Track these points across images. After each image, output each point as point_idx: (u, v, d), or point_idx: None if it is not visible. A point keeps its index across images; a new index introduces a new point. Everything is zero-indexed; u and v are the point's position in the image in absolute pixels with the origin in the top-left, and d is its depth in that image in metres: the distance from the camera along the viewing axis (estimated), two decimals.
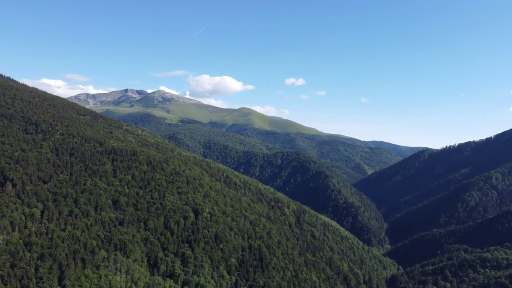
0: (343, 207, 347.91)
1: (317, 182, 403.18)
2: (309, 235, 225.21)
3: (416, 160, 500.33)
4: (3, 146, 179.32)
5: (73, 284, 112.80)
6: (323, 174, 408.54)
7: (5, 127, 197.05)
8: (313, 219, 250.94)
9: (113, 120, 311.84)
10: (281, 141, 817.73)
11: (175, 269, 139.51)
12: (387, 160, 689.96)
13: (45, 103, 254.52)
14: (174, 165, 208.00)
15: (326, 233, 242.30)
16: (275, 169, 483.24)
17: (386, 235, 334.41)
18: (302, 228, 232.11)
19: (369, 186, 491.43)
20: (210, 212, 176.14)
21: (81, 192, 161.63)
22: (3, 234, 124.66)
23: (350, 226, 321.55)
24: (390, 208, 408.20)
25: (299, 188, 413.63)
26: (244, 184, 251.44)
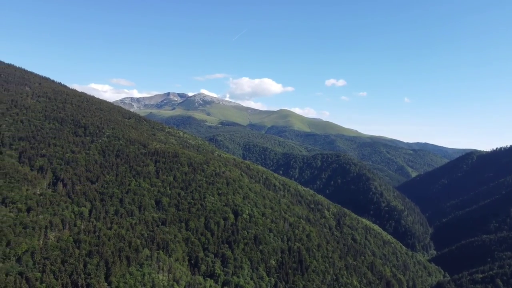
0: (386, 211, 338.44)
1: (358, 184, 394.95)
2: (349, 239, 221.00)
3: (463, 163, 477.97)
4: (55, 148, 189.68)
5: (119, 281, 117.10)
6: (364, 177, 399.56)
7: (57, 130, 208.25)
8: (354, 223, 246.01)
9: (156, 122, 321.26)
10: (320, 143, 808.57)
11: (215, 269, 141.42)
12: (432, 163, 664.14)
13: (93, 107, 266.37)
14: (214, 166, 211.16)
15: (367, 237, 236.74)
16: (315, 171, 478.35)
17: (431, 240, 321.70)
18: (342, 231, 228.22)
19: (413, 189, 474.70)
20: (250, 214, 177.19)
21: (126, 192, 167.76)
22: (54, 232, 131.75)
23: (393, 231, 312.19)
24: (435, 213, 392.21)
25: (339, 191, 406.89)
26: (283, 186, 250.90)
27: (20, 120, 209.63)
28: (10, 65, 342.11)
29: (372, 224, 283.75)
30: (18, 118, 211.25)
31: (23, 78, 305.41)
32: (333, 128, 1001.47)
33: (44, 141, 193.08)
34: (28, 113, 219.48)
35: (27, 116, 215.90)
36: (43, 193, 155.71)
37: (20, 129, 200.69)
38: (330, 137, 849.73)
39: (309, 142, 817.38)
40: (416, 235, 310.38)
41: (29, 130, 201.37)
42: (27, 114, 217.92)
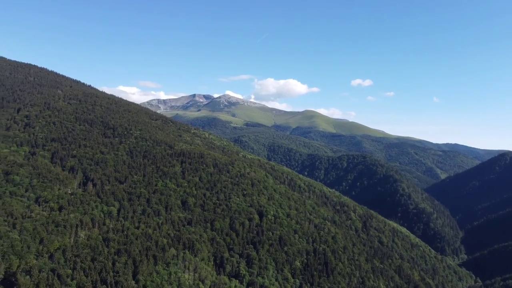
0: (414, 213, 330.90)
1: (385, 186, 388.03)
2: (376, 241, 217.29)
3: (496, 164, 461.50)
4: (85, 149, 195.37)
5: (146, 279, 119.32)
6: (392, 178, 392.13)
7: (87, 132, 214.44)
8: (381, 225, 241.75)
9: (182, 124, 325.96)
10: (346, 144, 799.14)
11: (240, 270, 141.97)
12: (462, 164, 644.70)
13: (121, 108, 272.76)
14: (239, 167, 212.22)
15: (395, 240, 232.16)
16: (340, 172, 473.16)
17: (462, 244, 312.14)
18: (369, 233, 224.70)
19: (442, 191, 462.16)
20: (275, 215, 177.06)
21: (153, 193, 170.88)
22: (85, 230, 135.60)
23: (421, 234, 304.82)
24: (466, 216, 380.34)
25: (366, 192, 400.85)
26: (308, 187, 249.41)
27: (53, 122, 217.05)
28: (43, 68, 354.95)
29: (399, 226, 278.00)
30: (50, 120, 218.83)
31: (55, 81, 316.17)
32: (359, 129, 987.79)
33: (75, 142, 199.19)
34: (60, 115, 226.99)
35: (59, 118, 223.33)
36: (74, 193, 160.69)
37: (52, 131, 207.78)
38: (356, 138, 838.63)
39: (335, 143, 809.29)
40: (446, 238, 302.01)
41: (61, 132, 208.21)
42: (59, 116, 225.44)
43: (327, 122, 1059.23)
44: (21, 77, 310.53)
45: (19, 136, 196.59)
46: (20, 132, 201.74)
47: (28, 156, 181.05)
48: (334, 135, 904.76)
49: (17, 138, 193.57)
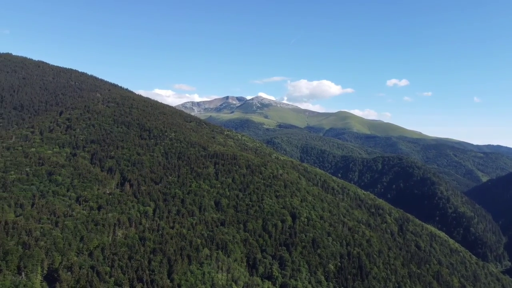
0: (453, 217, 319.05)
1: (422, 189, 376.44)
2: (413, 246, 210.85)
3: None
4: (123, 150, 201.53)
5: (180, 279, 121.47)
6: (429, 181, 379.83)
7: (124, 134, 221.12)
8: (418, 229, 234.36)
9: (215, 126, 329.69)
10: (381, 145, 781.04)
11: (273, 271, 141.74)
12: (505, 166, 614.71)
13: (157, 111, 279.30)
14: (272, 169, 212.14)
15: (433, 244, 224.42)
16: (375, 175, 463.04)
17: (505, 250, 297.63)
18: (405, 237, 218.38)
19: (483, 195, 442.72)
20: (308, 217, 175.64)
21: (187, 193, 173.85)
22: (122, 229, 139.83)
23: (461, 239, 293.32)
24: (510, 220, 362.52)
25: (402, 195, 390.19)
26: (342, 189, 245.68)
27: (92, 124, 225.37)
28: (84, 73, 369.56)
29: (437, 231, 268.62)
30: (90, 123, 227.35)
31: (95, 85, 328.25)
32: (395, 130, 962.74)
33: (113, 144, 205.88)
34: (99, 117, 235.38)
35: (98, 120, 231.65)
36: (112, 193, 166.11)
37: (92, 133, 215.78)
38: (391, 139, 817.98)
39: (369, 144, 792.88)
40: (487, 244, 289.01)
41: (100, 134, 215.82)
42: (98, 118, 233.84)
43: (361, 123, 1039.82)
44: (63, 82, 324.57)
45: (61, 138, 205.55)
46: (62, 134, 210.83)
47: (69, 157, 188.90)
48: (368, 137, 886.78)
49: (59, 140, 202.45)
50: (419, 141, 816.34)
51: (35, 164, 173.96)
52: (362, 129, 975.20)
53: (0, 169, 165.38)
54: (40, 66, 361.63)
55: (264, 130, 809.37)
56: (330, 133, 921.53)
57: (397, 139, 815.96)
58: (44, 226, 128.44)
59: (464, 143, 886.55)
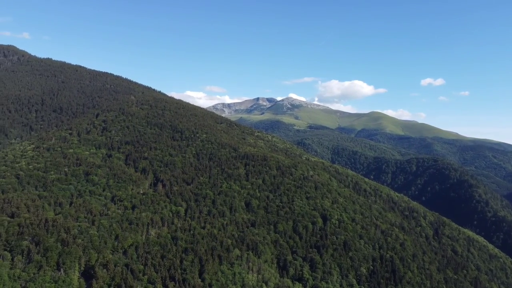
0: (492, 222, 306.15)
1: (458, 191, 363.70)
2: (449, 250, 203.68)
3: None
4: (156, 152, 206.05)
5: (211, 278, 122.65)
6: (466, 183, 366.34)
7: (157, 135, 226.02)
8: (455, 233, 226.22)
9: (245, 127, 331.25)
10: (415, 147, 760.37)
11: (304, 273, 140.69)
12: None
13: (188, 113, 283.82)
14: (302, 170, 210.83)
15: (470, 249, 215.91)
16: (409, 176, 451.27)
17: None
18: (441, 241, 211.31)
19: None
20: (339, 219, 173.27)
21: (218, 194, 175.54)
22: (155, 228, 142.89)
23: (501, 244, 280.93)
24: None
25: (437, 198, 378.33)
26: (374, 191, 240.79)
27: (127, 126, 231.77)
28: (119, 76, 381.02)
29: (475, 235, 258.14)
30: (124, 125, 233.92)
31: (129, 88, 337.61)
32: (430, 131, 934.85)
33: (146, 145, 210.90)
34: (133, 119, 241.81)
35: (132, 122, 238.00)
36: (146, 193, 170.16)
37: (126, 134, 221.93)
38: (426, 140, 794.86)
39: (403, 145, 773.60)
40: None
41: (134, 135, 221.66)
42: (132, 120, 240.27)
43: (394, 124, 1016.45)
44: (99, 85, 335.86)
45: (97, 139, 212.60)
46: (98, 135, 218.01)
47: (105, 158, 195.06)
48: (402, 137, 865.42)
49: (95, 141, 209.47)
50: (456, 142, 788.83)
51: (73, 164, 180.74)
52: (395, 129, 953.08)
53: (41, 169, 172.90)
54: (78, 70, 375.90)
55: (295, 131, 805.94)
56: (362, 134, 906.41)
57: (432, 140, 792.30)
58: (81, 225, 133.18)
59: (504, 144, 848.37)
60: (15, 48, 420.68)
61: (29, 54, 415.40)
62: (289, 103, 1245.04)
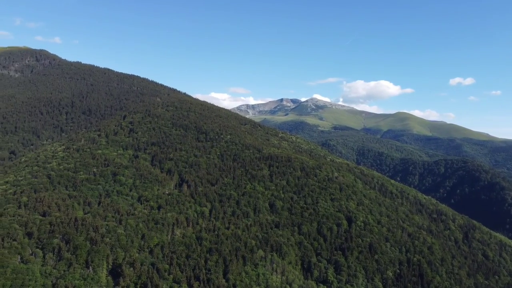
0: None
1: (489, 194, 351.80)
2: (480, 255, 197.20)
3: None
4: (181, 152, 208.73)
5: (235, 279, 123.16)
6: (498, 186, 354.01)
7: (182, 136, 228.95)
8: (486, 237, 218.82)
9: (269, 128, 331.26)
10: (444, 148, 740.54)
11: (328, 276, 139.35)
12: None
13: (213, 114, 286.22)
14: (327, 171, 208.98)
15: (502, 254, 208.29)
16: (437, 178, 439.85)
17: None
18: (471, 246, 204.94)
19: None
20: (364, 221, 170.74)
21: (242, 195, 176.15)
22: (180, 228, 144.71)
23: None
24: None
25: (467, 201, 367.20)
26: (401, 193, 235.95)
27: (153, 128, 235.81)
28: (145, 79, 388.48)
29: (508, 240, 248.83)
30: (151, 126, 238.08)
31: (155, 90, 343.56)
32: (459, 131, 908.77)
33: (172, 146, 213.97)
34: (159, 121, 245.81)
35: (158, 124, 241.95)
36: (171, 193, 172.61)
37: (152, 136, 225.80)
38: (455, 141, 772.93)
39: (431, 146, 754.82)
40: None
41: (160, 136, 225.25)
42: (158, 122, 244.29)
43: (422, 125, 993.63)
44: (126, 87, 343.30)
45: (124, 140, 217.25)
46: (125, 137, 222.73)
47: (132, 159, 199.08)
48: (430, 138, 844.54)
49: (123, 142, 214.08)
50: (487, 143, 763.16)
51: (101, 165, 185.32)
52: (423, 130, 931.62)
53: (71, 169, 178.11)
54: (106, 73, 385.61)
55: (319, 132, 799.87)
56: (388, 135, 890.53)
57: (462, 141, 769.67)
58: (109, 224, 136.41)
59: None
60: (47, 52, 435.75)
61: (59, 58, 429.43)
62: (313, 104, 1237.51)
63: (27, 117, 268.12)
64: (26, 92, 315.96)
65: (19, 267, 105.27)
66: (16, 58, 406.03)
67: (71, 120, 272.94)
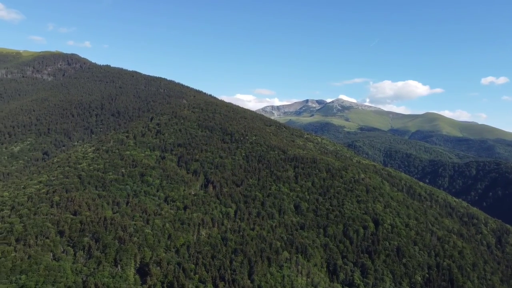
0: None
1: None
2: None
3: None
4: (206, 154, 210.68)
5: (260, 280, 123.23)
6: None
7: (208, 137, 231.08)
8: None
9: (294, 129, 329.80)
10: (475, 149, 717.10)
11: (355, 279, 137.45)
12: None
13: (238, 115, 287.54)
14: (353, 173, 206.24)
15: None
16: (468, 181, 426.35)
17: None
18: (504, 250, 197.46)
19: None
20: (392, 224, 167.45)
21: (267, 196, 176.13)
22: (206, 229, 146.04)
23: None
24: None
25: (500, 204, 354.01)
26: (430, 196, 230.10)
27: (179, 129, 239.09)
28: (171, 81, 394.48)
29: None
30: (177, 127, 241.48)
31: (181, 92, 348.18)
32: (491, 132, 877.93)
33: (198, 147, 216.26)
34: (185, 122, 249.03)
35: (184, 125, 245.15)
36: (197, 194, 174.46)
37: (178, 137, 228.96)
38: (487, 143, 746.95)
39: (461, 148, 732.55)
40: None
41: (186, 138, 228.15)
42: (184, 123, 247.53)
43: (452, 125, 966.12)
44: (153, 90, 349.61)
45: (151, 141, 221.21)
46: (153, 138, 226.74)
47: (158, 160, 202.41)
48: (460, 140, 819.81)
49: (150, 144, 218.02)
50: None
51: (129, 165, 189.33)
52: (453, 131, 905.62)
53: (100, 170, 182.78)
54: (133, 76, 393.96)
55: (345, 133, 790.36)
56: (416, 136, 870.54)
57: (494, 142, 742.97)
58: (137, 223, 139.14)
59: None
60: (78, 56, 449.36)
61: (90, 61, 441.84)
62: (339, 105, 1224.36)
63: (59, 119, 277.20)
64: (58, 95, 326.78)
65: (52, 264, 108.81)
66: (49, 62, 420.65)
67: (100, 122, 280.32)
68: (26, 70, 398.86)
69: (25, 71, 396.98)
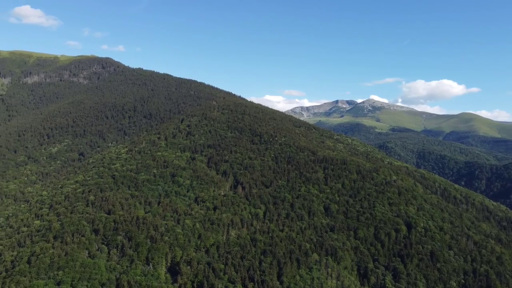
0: None
1: None
2: None
3: None
4: (236, 155, 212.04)
5: (290, 282, 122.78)
6: None
7: (237, 139, 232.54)
8: None
9: (324, 130, 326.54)
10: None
11: (386, 283, 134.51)
12: None
13: (267, 116, 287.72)
14: (384, 174, 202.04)
15: None
16: (507, 184, 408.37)
17: None
18: None
19: None
20: (425, 227, 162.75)
21: (296, 197, 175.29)
22: (235, 229, 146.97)
23: None
24: None
25: None
26: (465, 199, 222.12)
27: (209, 130, 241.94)
28: (201, 83, 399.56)
29: None
30: (207, 129, 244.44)
31: (211, 93, 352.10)
32: None
33: (227, 148, 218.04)
34: (215, 124, 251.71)
35: (214, 126, 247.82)
36: (226, 195, 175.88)
37: (208, 138, 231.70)
38: None
39: (499, 149, 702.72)
40: None
41: (215, 139, 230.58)
42: (214, 125, 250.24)
43: (489, 126, 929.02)
44: (184, 92, 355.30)
45: (182, 143, 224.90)
46: (183, 139, 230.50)
47: (189, 161, 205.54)
48: (498, 141, 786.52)
49: (181, 145, 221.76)
50: None
51: (161, 166, 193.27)
52: (490, 132, 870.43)
53: (133, 171, 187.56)
54: (165, 79, 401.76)
55: (376, 134, 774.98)
56: (450, 137, 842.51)
57: None
58: (168, 223, 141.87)
59: None
60: (111, 60, 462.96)
61: (123, 65, 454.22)
62: (370, 105, 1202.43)
63: (94, 121, 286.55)
64: (93, 97, 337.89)
65: (87, 261, 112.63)
66: (85, 66, 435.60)
67: (133, 123, 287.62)
68: (64, 74, 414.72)
69: (62, 75, 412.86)
